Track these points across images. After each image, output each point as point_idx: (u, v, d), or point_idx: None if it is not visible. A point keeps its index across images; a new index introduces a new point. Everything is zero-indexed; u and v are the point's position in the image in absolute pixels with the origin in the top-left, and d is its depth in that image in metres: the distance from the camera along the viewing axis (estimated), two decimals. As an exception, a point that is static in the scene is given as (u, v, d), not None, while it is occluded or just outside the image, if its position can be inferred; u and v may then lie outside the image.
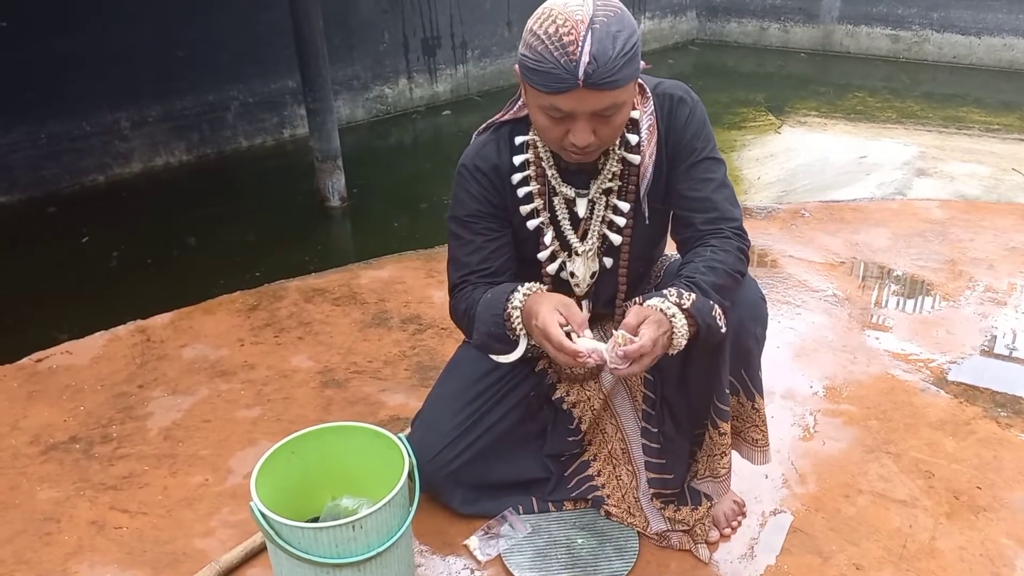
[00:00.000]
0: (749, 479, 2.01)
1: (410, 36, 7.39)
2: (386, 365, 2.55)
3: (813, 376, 2.49)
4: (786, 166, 5.82)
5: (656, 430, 1.73)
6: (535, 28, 1.39)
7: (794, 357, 2.59)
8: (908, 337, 2.72)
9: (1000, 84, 8.23)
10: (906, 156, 5.91)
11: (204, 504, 1.99)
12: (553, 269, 1.71)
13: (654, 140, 1.58)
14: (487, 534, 1.85)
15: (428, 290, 3.03)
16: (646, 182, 1.59)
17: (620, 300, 1.76)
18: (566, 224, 1.68)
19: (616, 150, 1.60)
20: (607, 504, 1.88)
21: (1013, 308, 2.91)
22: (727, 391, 1.66)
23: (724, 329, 1.48)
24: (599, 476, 1.90)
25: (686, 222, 1.61)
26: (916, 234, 3.54)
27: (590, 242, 1.68)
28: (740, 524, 1.89)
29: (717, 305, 1.47)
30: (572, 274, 1.71)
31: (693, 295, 1.44)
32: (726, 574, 1.77)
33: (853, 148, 6.15)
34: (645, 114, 1.58)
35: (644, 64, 1.49)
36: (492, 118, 1.71)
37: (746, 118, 7.17)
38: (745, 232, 1.59)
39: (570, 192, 1.64)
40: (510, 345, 1.59)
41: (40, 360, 2.60)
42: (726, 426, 1.70)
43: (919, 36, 9.13)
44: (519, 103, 1.65)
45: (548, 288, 1.67)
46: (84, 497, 2.01)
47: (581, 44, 1.34)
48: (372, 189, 5.68)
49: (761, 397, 1.73)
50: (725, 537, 1.86)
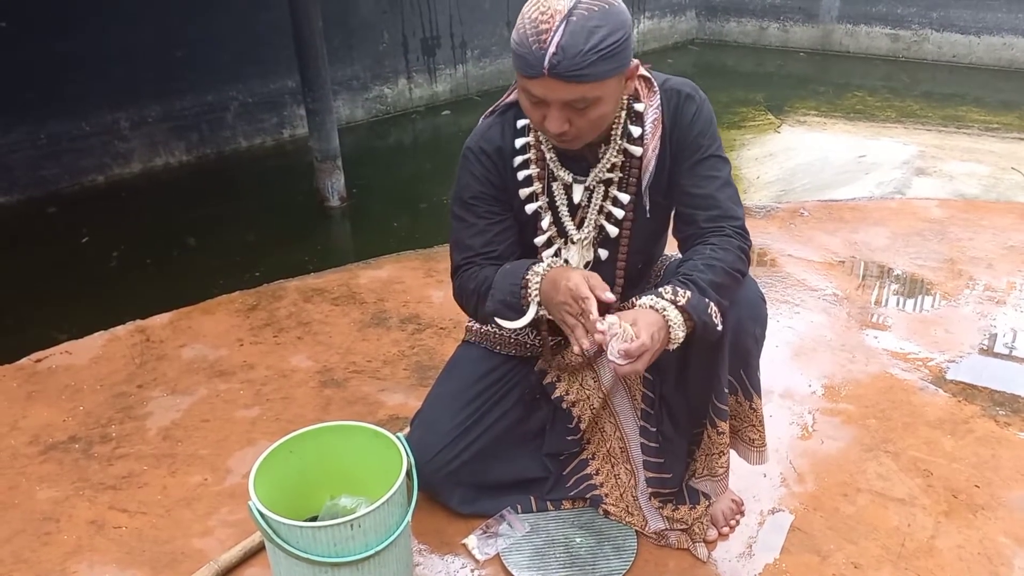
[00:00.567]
0: (748, 478, 2.02)
1: (409, 36, 7.40)
2: (385, 365, 2.55)
3: (812, 375, 2.49)
4: (785, 165, 5.82)
5: (655, 429, 1.74)
6: (524, 12, 1.43)
7: (793, 356, 2.60)
8: (907, 336, 2.72)
9: (999, 83, 8.23)
10: (905, 155, 5.91)
11: (203, 504, 1.99)
12: (549, 255, 1.69)
13: (658, 134, 1.58)
14: (485, 533, 1.85)
15: (427, 290, 3.03)
16: (648, 175, 1.60)
17: (616, 295, 1.76)
18: (563, 210, 1.67)
19: (618, 140, 1.60)
20: (605, 503, 1.88)
21: (1012, 307, 2.91)
22: (726, 390, 1.66)
23: (720, 327, 1.48)
24: (597, 475, 1.91)
25: (688, 219, 1.61)
26: (915, 233, 3.54)
27: (586, 231, 1.67)
28: (738, 523, 1.90)
29: (714, 303, 1.46)
30: (566, 261, 1.70)
31: (689, 292, 1.44)
32: (724, 573, 1.77)
33: (852, 147, 6.15)
34: (651, 107, 1.58)
35: (638, 64, 1.50)
36: (500, 100, 1.72)
37: (745, 117, 7.17)
38: (747, 232, 1.59)
39: (567, 177, 1.64)
40: (522, 314, 1.60)
41: (39, 360, 2.60)
42: (725, 425, 1.70)
43: (918, 35, 9.13)
44: None
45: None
46: (83, 497, 2.02)
47: (552, 34, 1.36)
48: (371, 189, 5.68)
49: (759, 397, 1.73)
50: (723, 536, 1.86)
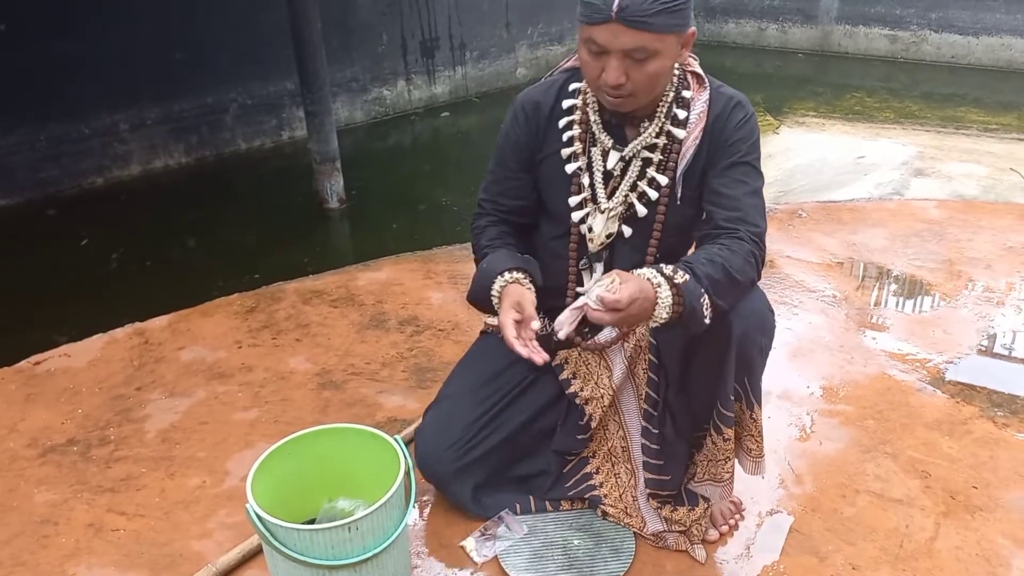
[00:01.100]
0: (746, 480, 2.01)
1: (408, 38, 7.40)
2: (383, 367, 2.55)
3: (810, 376, 2.49)
4: (784, 166, 5.82)
5: (656, 431, 1.74)
6: None
7: (791, 357, 2.60)
8: (905, 337, 2.72)
9: (998, 84, 8.23)
10: (904, 156, 5.91)
11: (201, 506, 1.99)
12: (578, 216, 1.73)
13: (701, 126, 1.63)
14: (483, 535, 1.85)
15: (426, 291, 3.03)
16: (685, 162, 1.64)
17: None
18: (598, 176, 1.71)
19: (662, 118, 1.64)
20: (604, 503, 1.88)
21: (1010, 308, 2.91)
22: (731, 397, 1.67)
23: (708, 321, 1.49)
24: (598, 474, 1.91)
25: (709, 216, 1.63)
26: (913, 234, 3.54)
27: (615, 201, 1.69)
28: (736, 524, 1.90)
29: (708, 296, 1.47)
30: (590, 228, 1.73)
31: (687, 276, 1.46)
32: (723, 575, 1.77)
33: (851, 148, 6.15)
34: (699, 100, 1.65)
35: (694, 32, 1.57)
36: (559, 63, 1.81)
37: (744, 119, 7.17)
38: (763, 241, 1.60)
39: (607, 141, 1.68)
40: (494, 314, 1.72)
41: (38, 363, 2.60)
42: (730, 432, 1.71)
43: (917, 36, 9.13)
44: None
45: (572, 237, 1.75)
46: (82, 499, 2.02)
47: None
48: (370, 191, 5.68)
49: (760, 408, 1.74)
50: (722, 537, 1.86)
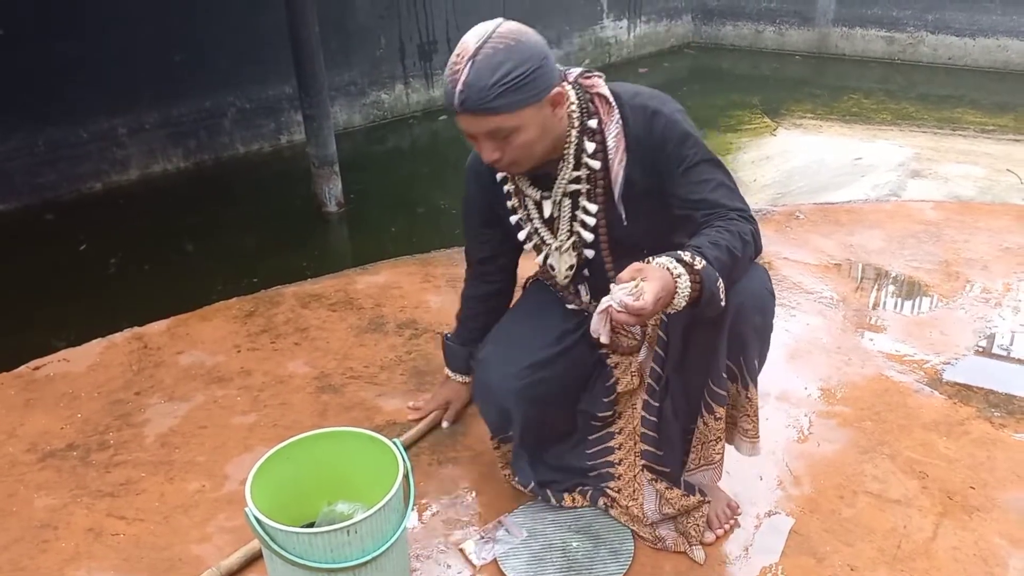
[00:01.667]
0: (744, 481, 2.02)
1: (406, 41, 7.40)
2: (382, 370, 2.56)
3: (808, 378, 2.50)
4: (782, 168, 5.83)
5: (657, 405, 1.75)
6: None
7: (789, 359, 2.60)
8: (902, 338, 2.73)
9: (995, 85, 8.24)
10: (901, 158, 5.91)
11: (201, 510, 1.99)
12: (540, 260, 1.88)
13: (622, 148, 1.66)
14: (483, 538, 1.86)
15: (424, 295, 3.04)
16: (618, 188, 1.68)
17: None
18: (538, 222, 1.82)
19: (571, 158, 1.69)
20: (610, 486, 1.90)
21: (1007, 309, 2.92)
22: (724, 375, 1.68)
23: (724, 303, 1.52)
24: (620, 449, 1.93)
25: (690, 220, 1.65)
26: (910, 235, 3.55)
27: (562, 238, 1.79)
28: (734, 526, 1.90)
29: (721, 279, 1.50)
30: (552, 267, 1.85)
31: (704, 261, 1.47)
32: (721, 576, 1.78)
33: (848, 150, 6.15)
34: (611, 123, 1.66)
35: (563, 91, 1.60)
36: None
37: (742, 121, 7.18)
38: (750, 215, 1.62)
39: (535, 194, 1.78)
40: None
41: (37, 368, 2.61)
42: (722, 411, 1.72)
43: (914, 38, 9.15)
44: None
45: (549, 276, 1.92)
46: (81, 504, 2.02)
47: (461, 72, 1.50)
48: (369, 194, 5.68)
49: (755, 387, 1.74)
50: (719, 539, 1.86)
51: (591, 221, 1.73)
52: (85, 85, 5.49)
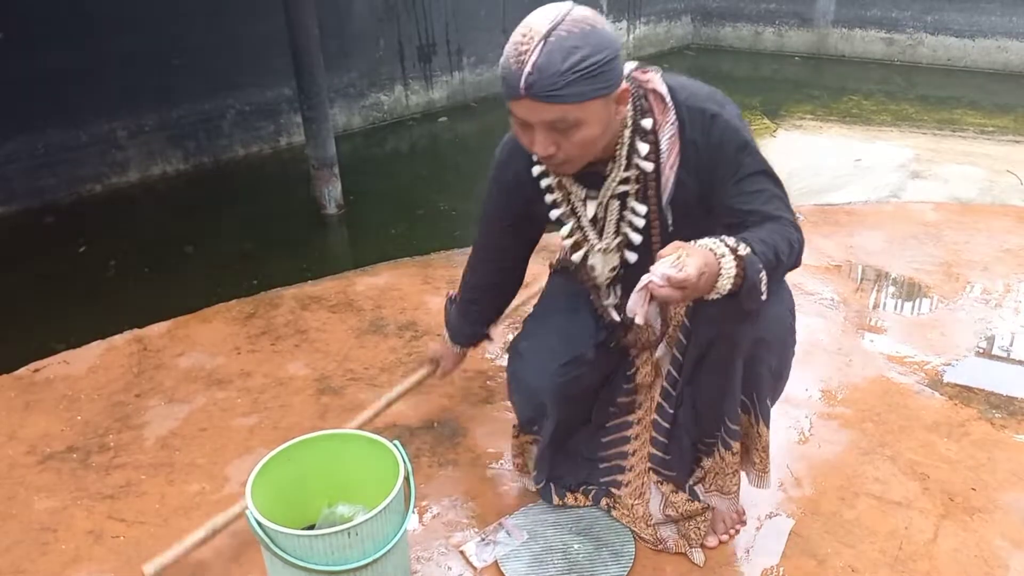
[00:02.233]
0: (745, 483, 2.02)
1: (406, 43, 7.40)
2: (382, 372, 2.56)
3: (808, 379, 2.50)
4: (782, 170, 5.75)
5: (671, 411, 1.74)
6: (512, 33, 1.44)
7: (789, 360, 2.59)
8: (903, 339, 2.72)
9: (994, 86, 8.24)
10: (901, 159, 5.91)
11: (201, 512, 1.99)
12: (577, 258, 1.76)
13: (675, 151, 1.57)
14: (483, 540, 1.85)
15: (424, 296, 3.03)
16: (668, 192, 1.59)
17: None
18: (584, 220, 1.71)
19: (623, 159, 1.60)
20: (618, 479, 1.91)
21: (1008, 310, 2.92)
22: (739, 411, 1.69)
23: (765, 297, 1.44)
24: (635, 440, 1.92)
25: (738, 229, 1.53)
26: (911, 237, 3.55)
27: (606, 239, 1.70)
28: (738, 532, 1.90)
29: (765, 271, 1.42)
30: (592, 267, 1.76)
31: (749, 249, 1.40)
32: (722, 578, 1.77)
33: (848, 151, 6.14)
34: (666, 124, 1.57)
35: (627, 89, 1.49)
36: None
37: (741, 122, 7.17)
38: (798, 227, 1.56)
39: (581, 193, 1.68)
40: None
41: (37, 370, 2.61)
42: (737, 446, 1.73)
43: (913, 39, 9.15)
44: None
45: (580, 272, 1.81)
46: (81, 506, 2.02)
47: (530, 54, 1.38)
48: (369, 196, 5.68)
49: (766, 424, 1.73)
50: (723, 544, 1.86)
51: (640, 223, 1.65)
52: (84, 88, 5.49)
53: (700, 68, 9.92)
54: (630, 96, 1.54)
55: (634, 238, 1.67)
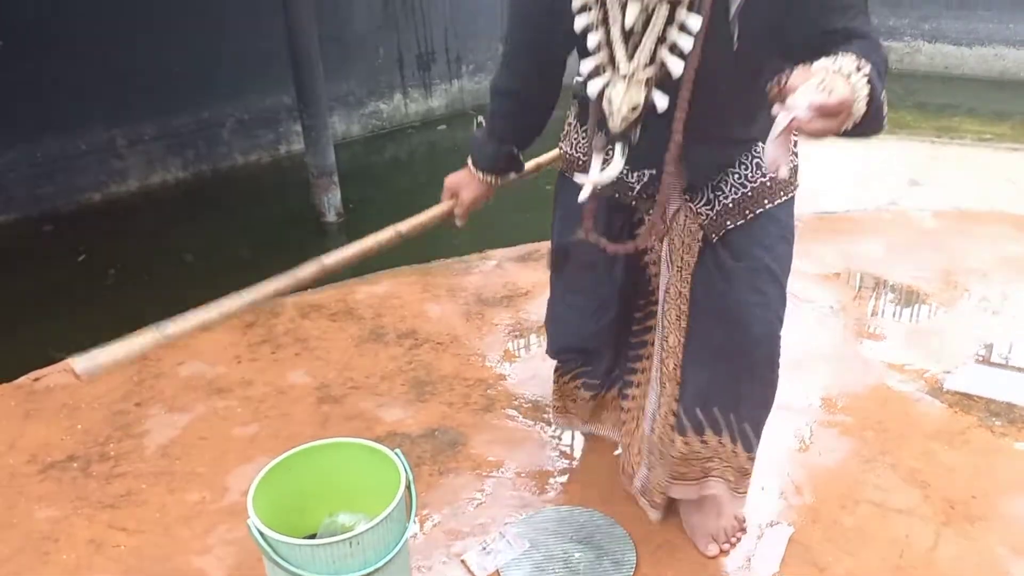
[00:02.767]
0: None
1: (405, 52, 7.42)
2: (383, 380, 2.56)
3: (808, 387, 2.50)
4: (780, 177, 5.84)
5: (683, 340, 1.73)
6: None
7: (789, 369, 2.57)
8: (903, 347, 2.73)
9: (992, 94, 8.27)
10: (899, 166, 5.93)
11: (201, 521, 1.99)
12: (595, 88, 1.45)
13: None
14: (485, 549, 1.85)
15: (424, 305, 3.04)
16: (738, 1, 1.30)
17: (671, 157, 1.45)
18: (615, 31, 1.38)
19: None
20: (631, 380, 1.95)
21: (1007, 317, 2.92)
22: (715, 413, 1.73)
23: (885, 123, 1.23)
24: (642, 373, 1.92)
25: (819, 54, 1.21)
26: (910, 244, 3.55)
27: (637, 62, 1.38)
28: (739, 540, 1.90)
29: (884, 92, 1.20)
30: (609, 101, 1.43)
31: (869, 64, 1.16)
32: (723, 586, 1.78)
33: (847, 159, 6.17)
34: None
35: None
36: None
37: (740, 130, 7.20)
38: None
39: None
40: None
41: (37, 379, 2.60)
42: (696, 442, 1.74)
43: (911, 47, 9.18)
44: None
45: (593, 105, 1.50)
46: (82, 515, 2.02)
47: None
48: (368, 204, 5.69)
49: (743, 447, 1.76)
50: (724, 552, 1.86)
51: (686, 45, 1.33)
52: (84, 97, 5.50)
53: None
54: None
55: (673, 66, 1.35)
